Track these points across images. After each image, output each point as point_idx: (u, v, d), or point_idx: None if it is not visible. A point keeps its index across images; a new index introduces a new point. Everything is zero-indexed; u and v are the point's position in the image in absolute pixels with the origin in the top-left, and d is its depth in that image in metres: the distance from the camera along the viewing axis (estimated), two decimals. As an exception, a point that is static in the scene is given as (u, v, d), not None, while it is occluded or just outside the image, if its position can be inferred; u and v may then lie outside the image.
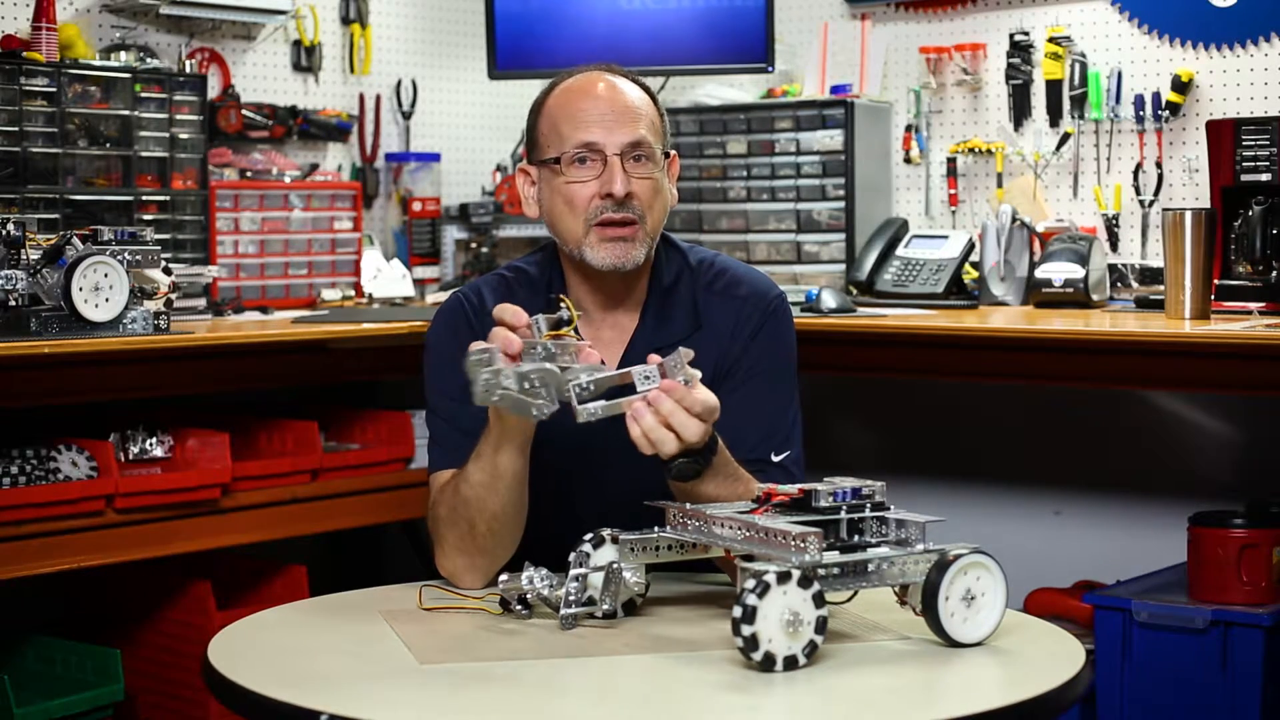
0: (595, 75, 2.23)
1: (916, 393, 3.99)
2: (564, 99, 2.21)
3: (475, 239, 4.17)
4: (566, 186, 2.17)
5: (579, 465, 2.22)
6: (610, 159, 2.15)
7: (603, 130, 2.16)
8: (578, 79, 2.23)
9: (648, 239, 2.18)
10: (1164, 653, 3.06)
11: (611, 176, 2.15)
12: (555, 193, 2.19)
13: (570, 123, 2.18)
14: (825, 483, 1.82)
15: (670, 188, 2.25)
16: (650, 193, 2.17)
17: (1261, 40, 3.50)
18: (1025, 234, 3.61)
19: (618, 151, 2.15)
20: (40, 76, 3.22)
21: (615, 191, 2.14)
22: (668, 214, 2.24)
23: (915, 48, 3.97)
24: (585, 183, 2.16)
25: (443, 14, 4.34)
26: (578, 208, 2.16)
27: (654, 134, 2.19)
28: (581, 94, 2.20)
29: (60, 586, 3.30)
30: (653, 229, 2.19)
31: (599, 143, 2.16)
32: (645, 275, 2.25)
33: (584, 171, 2.16)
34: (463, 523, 2.06)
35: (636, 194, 2.16)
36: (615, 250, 2.16)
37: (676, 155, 2.28)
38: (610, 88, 2.20)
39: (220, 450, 3.09)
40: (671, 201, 2.25)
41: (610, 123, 2.16)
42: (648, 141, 2.17)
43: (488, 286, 2.30)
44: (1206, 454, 3.61)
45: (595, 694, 1.69)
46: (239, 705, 1.71)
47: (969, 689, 1.73)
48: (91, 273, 2.77)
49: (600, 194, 2.15)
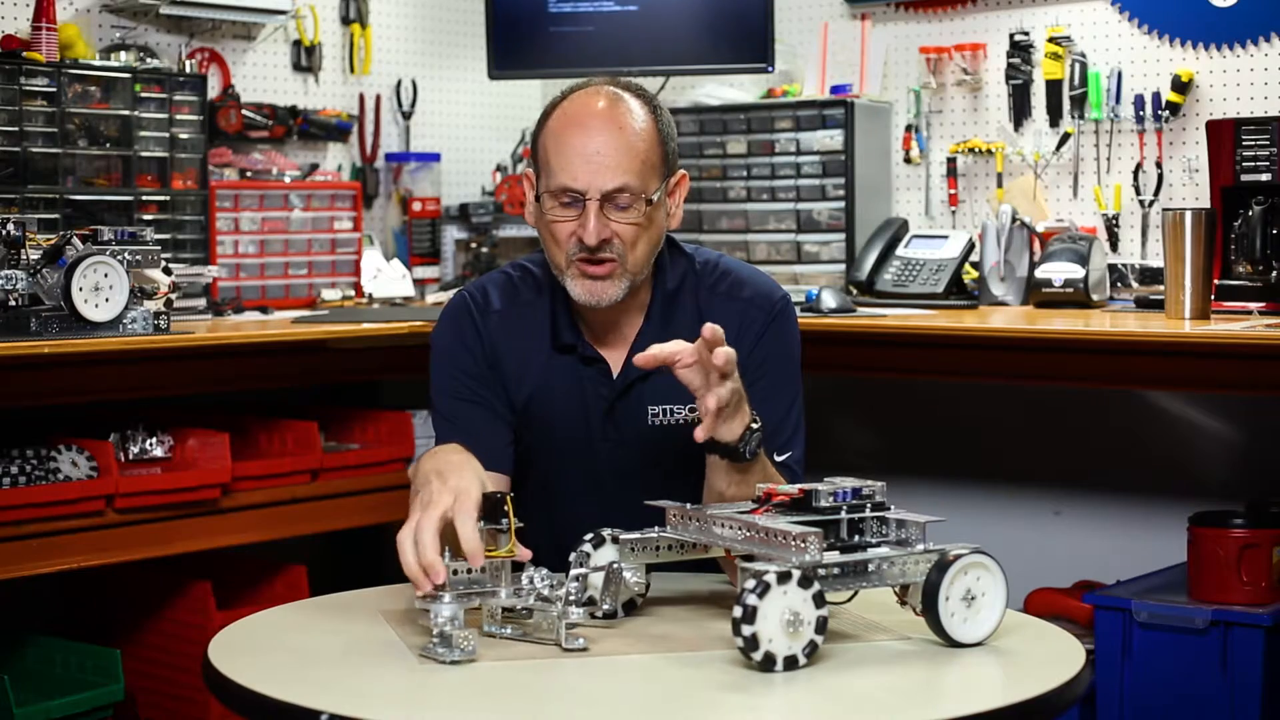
0: (595, 98, 2.17)
1: (916, 393, 3.99)
2: (559, 125, 2.17)
3: (475, 239, 4.17)
4: (550, 224, 2.16)
5: (580, 465, 2.23)
6: (589, 204, 2.11)
7: (587, 174, 2.11)
8: (577, 100, 2.18)
9: (628, 275, 2.15)
10: (1164, 653, 3.06)
11: (586, 224, 2.12)
12: (541, 220, 2.18)
13: (559, 157, 2.14)
14: (825, 483, 1.82)
15: (673, 209, 2.22)
16: (632, 234, 2.14)
17: (1261, 40, 3.49)
18: (1025, 234, 3.61)
19: (598, 198, 2.11)
20: (40, 76, 3.22)
21: (587, 240, 2.11)
22: (659, 243, 2.20)
23: (915, 48, 3.97)
24: (565, 222, 2.14)
25: (443, 14, 4.35)
26: (560, 243, 2.15)
27: (646, 172, 2.14)
28: (576, 124, 2.15)
29: (60, 586, 3.30)
30: (634, 266, 2.16)
31: (579, 189, 2.12)
32: (649, 280, 2.24)
33: (565, 211, 2.14)
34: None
35: (616, 235, 2.13)
36: (590, 288, 2.15)
37: (685, 175, 2.24)
38: (607, 119, 2.14)
39: (220, 450, 3.09)
40: (673, 224, 2.23)
41: (595, 167, 2.11)
42: (632, 186, 2.12)
43: (493, 285, 2.29)
44: (1206, 454, 3.61)
45: (595, 694, 1.69)
46: (239, 705, 1.71)
47: (969, 689, 1.73)
48: (91, 273, 2.77)
49: (577, 235, 2.14)
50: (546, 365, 2.22)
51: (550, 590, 1.83)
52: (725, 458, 2.00)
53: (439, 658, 1.75)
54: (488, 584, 1.82)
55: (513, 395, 2.23)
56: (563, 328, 2.23)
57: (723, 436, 1.99)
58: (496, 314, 2.25)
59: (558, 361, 2.23)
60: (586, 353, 2.23)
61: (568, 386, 2.22)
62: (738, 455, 2.00)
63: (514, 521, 1.84)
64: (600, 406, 2.22)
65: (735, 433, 1.99)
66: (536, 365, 2.22)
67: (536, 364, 2.22)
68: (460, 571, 1.81)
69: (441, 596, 1.77)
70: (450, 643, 1.74)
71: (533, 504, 2.11)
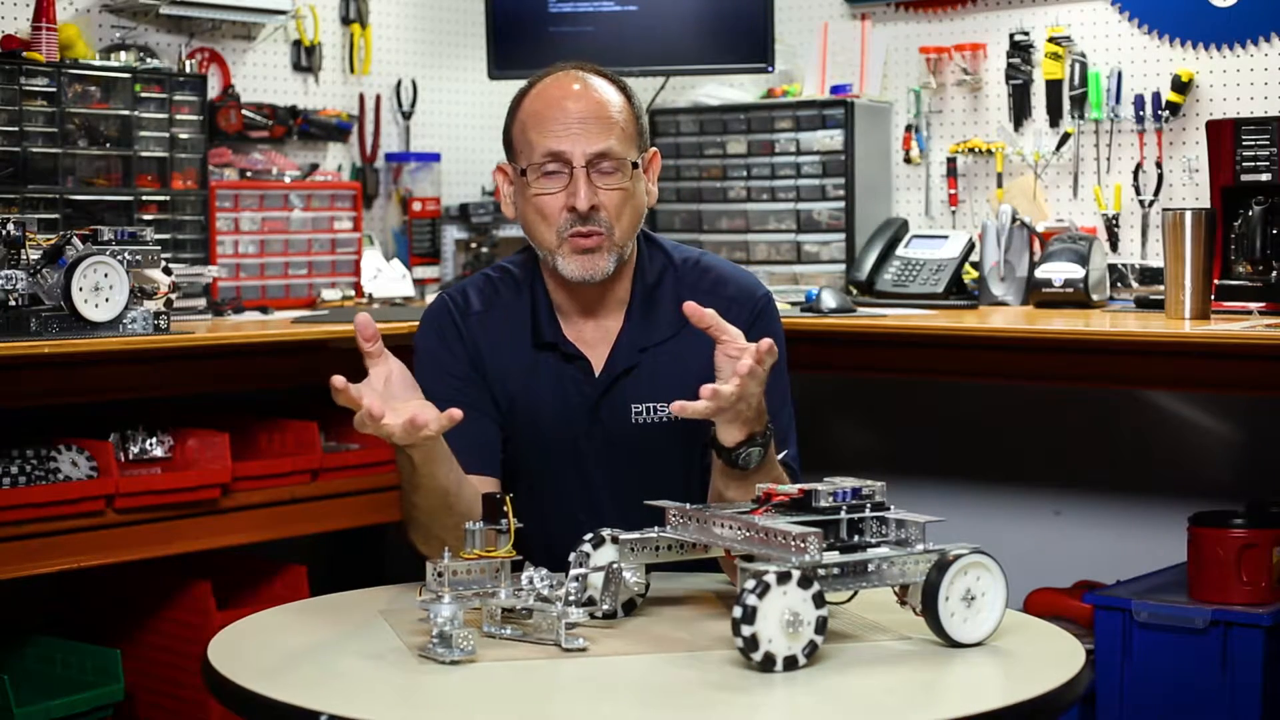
0: (568, 77, 2.21)
1: (916, 393, 3.99)
2: (535, 104, 2.20)
3: (475, 239, 4.17)
4: (536, 198, 2.17)
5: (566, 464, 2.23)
6: (576, 171, 2.14)
7: (569, 140, 2.15)
8: (550, 82, 2.22)
9: (615, 249, 2.18)
10: (1164, 653, 3.06)
11: (576, 189, 2.14)
12: (527, 202, 2.19)
13: (539, 130, 2.17)
14: (825, 483, 1.82)
15: (649, 186, 2.25)
16: (618, 202, 2.16)
17: (1261, 40, 3.50)
18: (1025, 234, 3.61)
19: (584, 162, 2.14)
20: (40, 76, 3.22)
21: (579, 205, 2.13)
22: (642, 218, 2.23)
23: (915, 48, 3.97)
24: (554, 194, 2.16)
25: (443, 14, 4.34)
26: (550, 219, 2.17)
27: (625, 140, 2.18)
28: (552, 100, 2.19)
29: (60, 586, 3.30)
30: (621, 238, 2.18)
31: (565, 152, 2.15)
32: (627, 276, 2.25)
33: (552, 183, 2.16)
34: (434, 540, 2.05)
35: (603, 205, 2.15)
36: (583, 263, 2.16)
37: (657, 153, 2.28)
38: (582, 92, 2.18)
39: (220, 450, 3.08)
40: (650, 201, 2.25)
41: (577, 132, 2.15)
42: (616, 151, 2.16)
43: (473, 288, 2.30)
44: (1206, 454, 3.61)
45: (595, 694, 1.69)
46: (239, 705, 1.71)
47: (969, 689, 1.73)
48: (91, 273, 2.77)
49: (566, 206, 2.15)
50: (528, 364, 2.23)
51: (550, 590, 1.83)
52: (720, 458, 2.01)
53: (438, 658, 1.75)
54: (488, 584, 1.82)
55: (498, 395, 2.23)
56: (543, 325, 2.23)
57: (721, 437, 1.99)
58: (476, 315, 2.26)
59: (539, 360, 2.23)
60: (567, 350, 2.23)
61: (550, 385, 2.23)
62: (731, 461, 1.99)
63: (513, 522, 1.84)
64: (584, 405, 2.22)
65: (734, 438, 1.98)
66: (519, 364, 2.23)
67: (519, 363, 2.23)
68: (460, 572, 1.81)
69: (442, 596, 1.77)
70: (450, 643, 1.74)
71: (522, 503, 2.11)
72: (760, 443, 1.99)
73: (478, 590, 1.81)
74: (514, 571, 1.87)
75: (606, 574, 1.90)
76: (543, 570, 1.86)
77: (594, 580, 1.91)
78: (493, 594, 1.82)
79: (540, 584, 1.84)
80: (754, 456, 1.99)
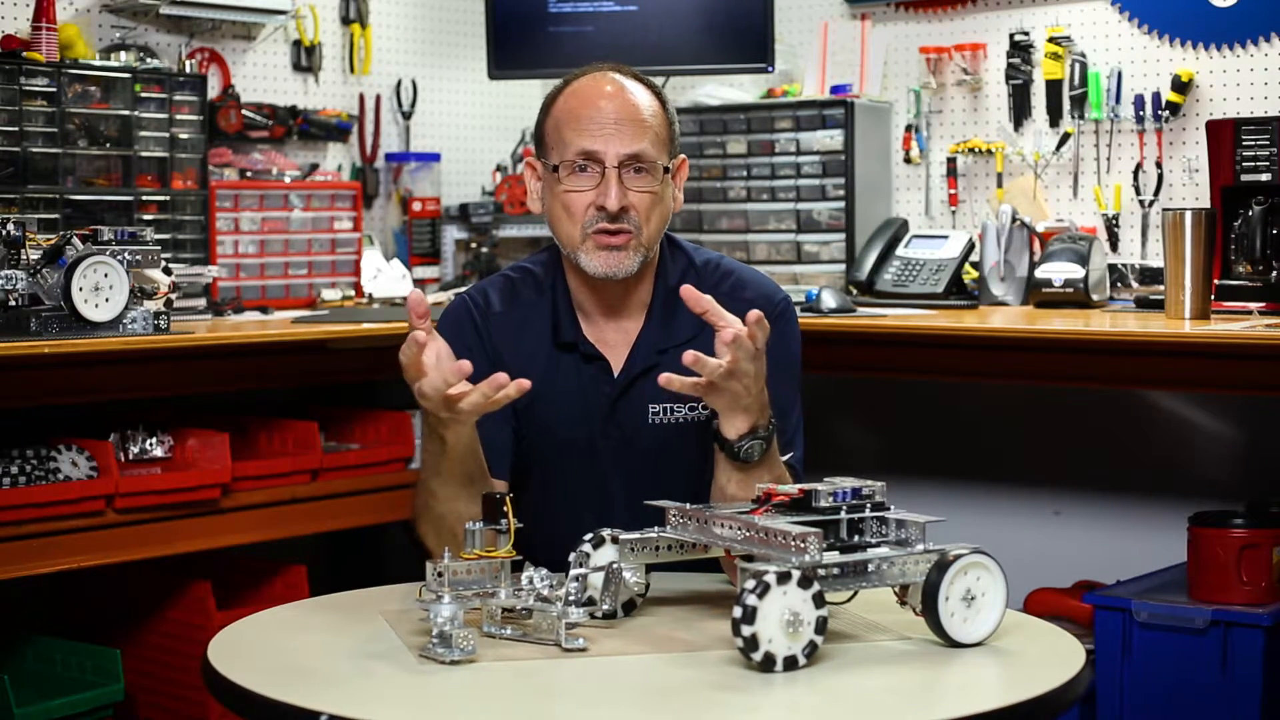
0: (603, 78, 2.22)
1: (916, 393, 3.99)
2: (571, 103, 2.21)
3: (475, 239, 4.17)
4: (565, 194, 2.18)
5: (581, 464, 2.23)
6: (608, 170, 2.15)
7: (603, 140, 2.15)
8: (586, 81, 2.23)
9: (642, 248, 2.18)
10: (1164, 653, 3.06)
11: (607, 189, 2.15)
12: (555, 198, 2.20)
13: (573, 129, 2.18)
14: (825, 483, 1.82)
15: (676, 192, 2.25)
16: (648, 205, 2.17)
17: (1261, 40, 3.49)
18: (1025, 234, 3.61)
19: (616, 163, 2.15)
20: (40, 76, 3.22)
21: (609, 205, 2.14)
22: (669, 220, 2.24)
23: (915, 48, 3.97)
24: (583, 192, 2.17)
25: (443, 14, 4.34)
26: (575, 215, 2.17)
27: (658, 144, 2.19)
28: (587, 99, 2.19)
29: (60, 586, 3.30)
30: (649, 239, 2.19)
31: (598, 152, 2.16)
32: (649, 277, 2.25)
33: (582, 180, 2.17)
34: (445, 533, 2.05)
35: (633, 206, 2.16)
36: (608, 259, 2.17)
37: (685, 159, 2.28)
38: (617, 94, 2.19)
39: (220, 450, 3.08)
40: (676, 206, 2.25)
41: (611, 133, 2.16)
42: (648, 154, 2.17)
43: (494, 288, 2.30)
44: (1206, 454, 3.61)
45: (595, 694, 1.69)
46: (239, 705, 1.71)
47: (969, 689, 1.73)
48: (91, 273, 2.77)
49: (596, 204, 2.15)
50: (548, 364, 2.23)
51: (550, 590, 1.83)
52: (723, 451, 2.01)
53: (439, 658, 1.75)
54: (488, 584, 1.83)
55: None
56: (564, 325, 2.24)
57: (723, 429, 2.00)
58: (497, 315, 2.26)
59: (559, 360, 2.23)
60: (587, 351, 2.23)
61: (569, 385, 2.23)
62: (733, 454, 2.01)
63: (514, 522, 1.84)
64: (602, 405, 2.22)
65: (736, 430, 1.99)
66: (538, 364, 2.23)
67: (538, 363, 2.23)
68: (460, 572, 1.81)
69: (442, 596, 1.78)
70: (450, 643, 1.74)
71: (534, 503, 2.11)
72: (762, 435, 2.00)
73: (478, 590, 1.81)
74: (514, 571, 1.87)
75: (606, 574, 1.90)
76: (543, 570, 1.85)
77: (594, 580, 1.91)
78: (493, 594, 1.82)
79: (540, 584, 1.84)
80: (756, 450, 2.00)
